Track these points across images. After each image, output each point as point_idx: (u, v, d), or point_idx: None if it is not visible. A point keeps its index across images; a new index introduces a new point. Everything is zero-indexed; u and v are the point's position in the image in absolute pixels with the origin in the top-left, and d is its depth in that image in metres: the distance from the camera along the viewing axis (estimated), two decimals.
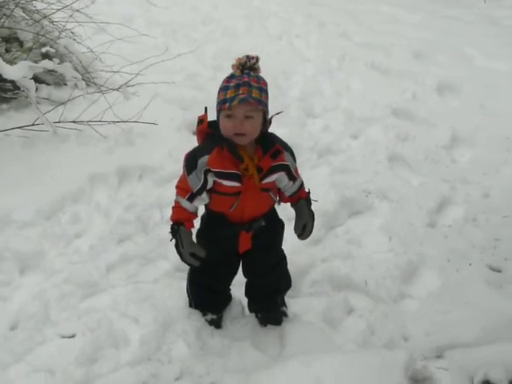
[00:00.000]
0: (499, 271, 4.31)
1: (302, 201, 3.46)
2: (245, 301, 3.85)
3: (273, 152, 3.20)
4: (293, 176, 3.34)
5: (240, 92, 3.00)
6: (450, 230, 4.76)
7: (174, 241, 3.34)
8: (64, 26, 6.27)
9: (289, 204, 3.54)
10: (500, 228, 4.79)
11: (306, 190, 3.51)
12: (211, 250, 3.36)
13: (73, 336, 3.59)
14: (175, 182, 3.38)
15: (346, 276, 4.14)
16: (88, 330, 3.60)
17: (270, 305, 3.77)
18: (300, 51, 8.81)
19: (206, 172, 3.17)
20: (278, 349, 3.57)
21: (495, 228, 4.79)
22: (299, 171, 3.45)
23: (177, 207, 3.34)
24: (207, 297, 3.73)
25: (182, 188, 3.30)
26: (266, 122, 3.18)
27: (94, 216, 4.68)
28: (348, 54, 8.53)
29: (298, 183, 3.42)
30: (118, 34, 6.85)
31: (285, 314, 3.79)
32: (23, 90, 5.31)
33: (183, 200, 3.29)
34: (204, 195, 3.28)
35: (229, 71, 3.16)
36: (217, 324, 3.74)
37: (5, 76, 5.06)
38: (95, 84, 5.97)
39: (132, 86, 5.89)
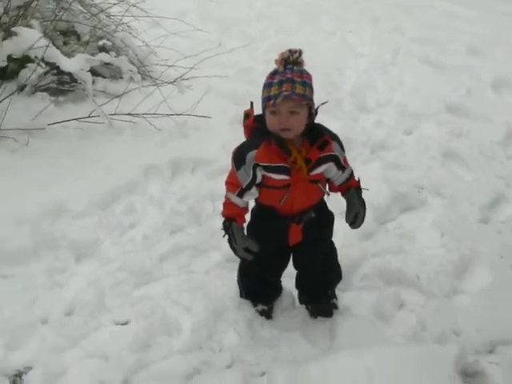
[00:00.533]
0: None
1: (352, 190, 3.42)
2: (295, 292, 3.87)
3: (320, 143, 3.18)
4: (341, 165, 3.32)
5: (283, 89, 2.99)
6: (504, 227, 4.71)
7: (226, 236, 3.37)
8: (120, 20, 6.37)
9: (340, 197, 3.50)
10: None
11: (356, 179, 3.46)
12: (262, 242, 3.37)
13: (126, 323, 3.66)
14: (227, 174, 3.41)
15: (398, 270, 4.12)
16: (141, 317, 3.66)
17: (320, 296, 3.78)
18: (353, 47, 8.80)
19: (255, 167, 3.18)
20: (329, 341, 3.57)
21: None
22: (351, 164, 3.44)
23: (228, 203, 3.37)
24: (258, 288, 3.76)
25: (232, 183, 3.32)
26: (312, 114, 3.17)
27: (147, 207, 4.76)
28: (402, 48, 8.48)
29: (347, 172, 3.38)
30: (173, 28, 6.92)
31: (335, 307, 3.80)
32: (80, 83, 5.43)
33: (233, 196, 3.32)
34: (253, 190, 3.30)
35: None
36: (267, 315, 3.77)
37: (62, 68, 5.17)
38: (150, 77, 6.06)
39: (186, 79, 5.96)
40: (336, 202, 3.66)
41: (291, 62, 3.05)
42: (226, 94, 6.33)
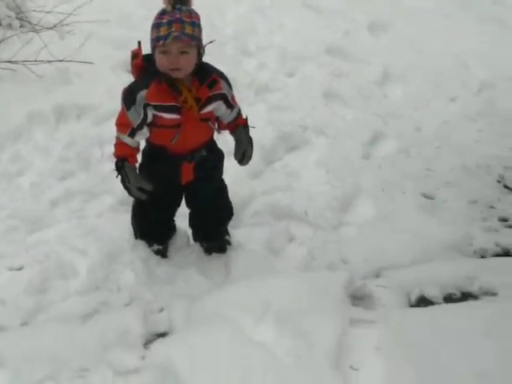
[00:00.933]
0: (432, 198, 4.52)
1: (240, 128, 3.50)
2: (190, 232, 3.95)
3: (209, 82, 3.26)
4: (230, 104, 3.41)
5: (173, 29, 3.03)
6: (384, 162, 4.94)
7: (119, 177, 3.37)
8: None
9: (228, 136, 3.61)
10: (432, 159, 5.01)
11: (244, 117, 3.55)
12: (154, 182, 3.41)
13: (21, 268, 3.66)
14: (114, 120, 3.40)
15: (287, 207, 4.27)
16: (36, 262, 3.67)
17: (213, 234, 3.88)
18: None
19: (146, 106, 3.21)
20: (223, 275, 3.70)
21: (427, 159, 5.00)
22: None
23: (119, 144, 3.36)
24: (152, 228, 3.82)
25: (122, 124, 3.32)
26: (201, 54, 3.22)
27: (34, 154, 4.71)
28: None
29: (235, 111, 3.48)
30: None
31: (228, 243, 3.91)
32: None
33: (124, 136, 3.31)
34: (145, 129, 3.32)
35: None
36: (163, 254, 3.85)
37: None
38: (29, 23, 5.91)
39: (66, 25, 5.84)
40: (224, 141, 3.75)
41: (179, 1, 3.08)
42: (107, 40, 6.24)
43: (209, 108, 3.32)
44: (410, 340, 3.00)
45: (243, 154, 3.49)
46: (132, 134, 3.30)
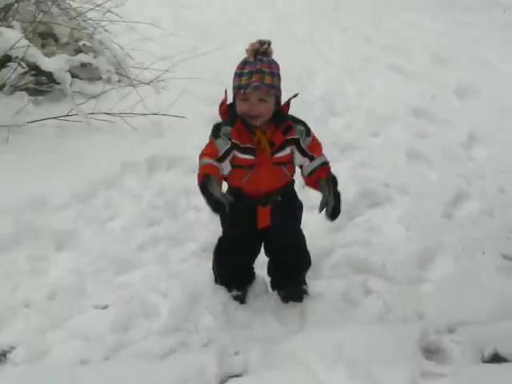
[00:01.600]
0: (511, 260, 4.48)
1: (321, 180, 3.51)
2: (268, 279, 4.06)
3: (284, 128, 3.42)
4: (304, 151, 3.50)
5: (253, 80, 3.24)
6: (466, 221, 4.93)
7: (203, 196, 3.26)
8: (98, 24, 6.53)
9: (312, 192, 3.68)
10: None
11: (329, 172, 3.56)
12: (232, 226, 3.63)
13: (107, 307, 3.82)
14: None
15: (365, 260, 4.32)
16: (121, 302, 3.82)
17: (291, 282, 3.96)
18: (323, 53, 9.02)
19: (232, 145, 3.37)
20: (299, 323, 3.76)
21: (510, 221, 4.94)
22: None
23: (204, 166, 3.31)
24: (231, 274, 3.94)
25: (208, 153, 3.34)
26: (279, 102, 3.41)
27: (125, 201, 4.95)
28: (370, 56, 8.72)
29: (317, 161, 3.54)
30: (147, 33, 7.09)
31: (306, 292, 3.98)
32: (58, 83, 5.58)
33: (211, 160, 3.31)
34: (227, 162, 3.39)
35: None
36: (241, 299, 3.95)
37: (43, 68, 5.35)
38: (127, 77, 6.23)
39: (162, 80, 6.13)
40: (306, 196, 3.87)
41: (261, 52, 3.30)
42: (200, 96, 6.51)
43: (282, 152, 3.45)
44: None
45: (326, 206, 3.44)
46: (219, 161, 3.34)
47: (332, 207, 3.44)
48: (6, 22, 5.73)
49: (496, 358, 3.39)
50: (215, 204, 3.19)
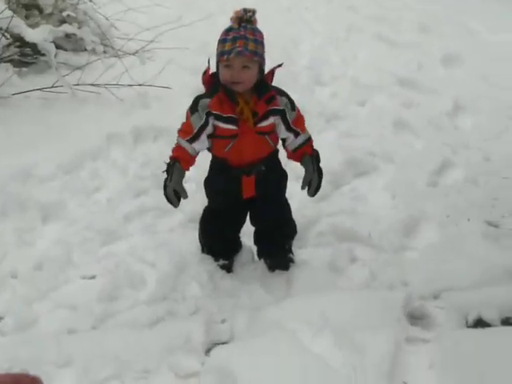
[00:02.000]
0: (496, 226, 4.51)
1: (306, 157, 3.57)
2: (255, 249, 4.09)
3: (267, 97, 3.40)
4: (290, 126, 3.50)
5: (237, 45, 3.22)
6: (451, 190, 4.96)
7: (165, 175, 3.50)
8: None
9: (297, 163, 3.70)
10: (499, 189, 4.99)
11: (313, 148, 3.62)
12: (217, 196, 3.68)
13: (93, 277, 3.85)
14: None
15: (351, 229, 4.35)
16: (107, 272, 3.85)
17: (277, 251, 4.00)
18: (309, 23, 8.99)
19: (208, 114, 3.38)
20: (286, 291, 3.80)
21: (494, 189, 4.99)
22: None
23: (177, 147, 3.52)
24: (218, 243, 3.97)
25: (184, 130, 3.49)
26: (263, 71, 3.40)
27: (111, 172, 4.94)
28: (355, 25, 8.70)
29: (301, 138, 3.57)
30: (133, 4, 7.04)
31: (292, 260, 4.02)
32: (43, 54, 5.55)
33: (183, 140, 3.47)
34: (203, 138, 3.45)
35: None
36: (228, 268, 3.98)
37: (27, 39, 5.30)
38: (112, 48, 6.21)
39: (147, 51, 6.11)
40: (293, 167, 3.89)
41: (245, 20, 3.28)
42: (186, 66, 6.48)
43: (265, 122, 3.45)
44: (464, 360, 3.05)
45: (309, 183, 3.56)
46: (191, 140, 3.44)
47: (316, 185, 3.55)
48: None
49: (480, 323, 3.44)
50: (166, 198, 3.48)
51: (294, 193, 4.11)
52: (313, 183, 3.55)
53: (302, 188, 3.58)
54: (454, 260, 4.03)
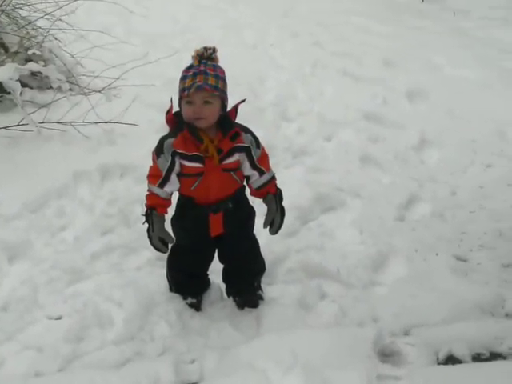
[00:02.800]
0: (465, 261, 4.54)
1: (269, 195, 3.63)
2: (223, 286, 4.06)
3: (232, 134, 3.42)
4: (255, 164, 3.54)
5: (197, 80, 3.25)
6: (418, 224, 4.99)
7: (146, 225, 3.56)
8: (48, 32, 6.46)
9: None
10: (466, 223, 5.04)
11: (277, 187, 3.68)
12: (185, 234, 3.66)
13: (60, 317, 3.79)
14: None
15: (320, 265, 4.35)
16: (74, 312, 3.79)
17: (246, 288, 3.98)
18: (274, 59, 9.03)
19: (173, 154, 3.41)
20: (255, 329, 3.78)
21: (462, 223, 5.03)
22: (274, 170, 3.69)
23: (149, 194, 3.57)
24: (186, 281, 3.95)
25: (153, 175, 3.53)
26: (225, 107, 3.43)
27: (78, 210, 4.88)
28: (321, 61, 8.74)
29: (266, 176, 3.61)
30: (98, 41, 7.01)
31: (261, 298, 4.00)
32: (8, 92, 5.49)
33: (154, 187, 3.52)
34: (173, 178, 3.49)
35: None
36: (196, 307, 3.95)
37: None
38: (78, 86, 6.16)
39: (113, 88, 6.08)
40: (260, 202, 3.88)
41: (205, 57, 3.35)
42: (152, 103, 6.47)
43: (230, 159, 3.47)
44: None
45: (271, 222, 3.63)
46: (161, 185, 3.49)
47: (278, 224, 3.64)
48: None
49: (450, 359, 3.46)
50: (154, 247, 3.60)
51: (262, 229, 4.09)
52: (275, 222, 3.64)
53: (264, 227, 3.66)
54: (424, 295, 4.06)
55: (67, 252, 4.38)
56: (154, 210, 3.53)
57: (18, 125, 5.59)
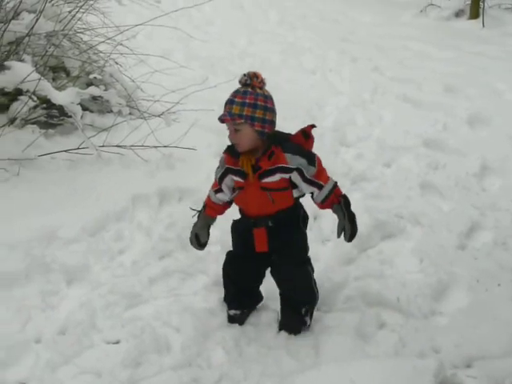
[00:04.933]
0: None
1: (335, 206, 3.66)
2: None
3: (269, 154, 3.49)
4: (308, 179, 3.57)
5: (225, 109, 3.46)
6: (480, 253, 4.87)
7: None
8: (108, 57, 6.55)
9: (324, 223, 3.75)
10: None
11: (341, 195, 3.69)
12: (235, 242, 3.92)
13: (118, 342, 3.80)
14: None
15: (379, 293, 4.27)
16: (132, 337, 3.80)
17: (289, 312, 3.94)
18: (333, 84, 9.03)
19: (227, 169, 3.67)
20: (313, 358, 3.71)
21: None
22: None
23: (207, 195, 3.95)
24: (232, 291, 4.02)
25: (214, 184, 3.86)
26: (262, 132, 3.46)
27: (136, 234, 4.92)
28: (380, 86, 8.73)
29: (326, 189, 3.63)
30: (158, 66, 7.09)
31: (304, 324, 3.92)
32: (69, 116, 5.59)
33: (211, 190, 3.89)
34: (225, 189, 3.77)
35: None
36: (239, 321, 3.99)
37: (53, 101, 5.33)
38: (138, 110, 6.22)
39: (173, 113, 6.14)
40: (320, 228, 3.84)
41: (243, 84, 3.45)
42: (210, 128, 6.48)
43: (270, 178, 3.54)
44: None
45: (343, 230, 3.64)
46: (216, 191, 3.83)
47: (349, 231, 3.64)
48: (17, 55, 5.74)
49: None
50: (190, 240, 3.99)
51: (321, 255, 4.06)
52: (346, 230, 3.65)
53: (338, 236, 3.68)
54: (485, 326, 3.94)
55: (125, 276, 4.40)
56: (204, 208, 3.93)
57: (78, 148, 5.66)
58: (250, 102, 3.40)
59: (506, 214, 5.45)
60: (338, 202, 3.66)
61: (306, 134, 3.62)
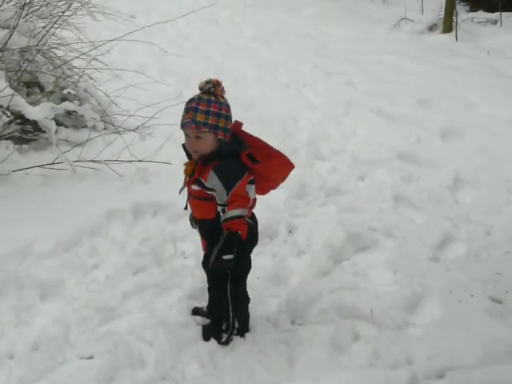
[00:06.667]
0: (500, 302, 4.46)
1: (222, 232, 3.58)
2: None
3: (210, 164, 3.51)
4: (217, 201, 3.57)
5: (187, 116, 3.45)
6: (453, 265, 4.92)
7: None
8: (83, 72, 6.55)
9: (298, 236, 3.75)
10: (501, 263, 4.96)
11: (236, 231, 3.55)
12: None
13: (91, 357, 3.77)
14: (188, 218, 3.90)
15: (353, 305, 4.30)
16: (106, 352, 3.77)
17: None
18: (307, 99, 9.08)
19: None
20: (288, 370, 3.72)
21: (497, 263, 4.95)
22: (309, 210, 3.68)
23: None
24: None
25: None
26: (224, 141, 3.48)
27: (110, 249, 4.89)
28: (354, 100, 8.78)
29: (228, 214, 3.53)
30: (133, 81, 7.11)
31: (212, 333, 3.95)
32: (43, 131, 5.58)
33: None
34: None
35: (238, 117, 3.61)
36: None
37: (27, 116, 5.32)
38: (113, 125, 6.23)
39: (147, 127, 6.14)
40: (294, 241, 3.84)
41: (205, 91, 3.45)
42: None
43: (194, 186, 3.61)
44: None
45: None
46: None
47: (213, 258, 3.61)
48: None
49: None
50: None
51: (296, 268, 4.06)
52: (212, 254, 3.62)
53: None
54: (458, 337, 4.00)
55: (99, 291, 4.38)
56: None
57: (52, 163, 5.66)
58: (214, 111, 3.41)
59: (478, 226, 5.51)
60: (225, 230, 3.55)
61: (253, 158, 3.55)
